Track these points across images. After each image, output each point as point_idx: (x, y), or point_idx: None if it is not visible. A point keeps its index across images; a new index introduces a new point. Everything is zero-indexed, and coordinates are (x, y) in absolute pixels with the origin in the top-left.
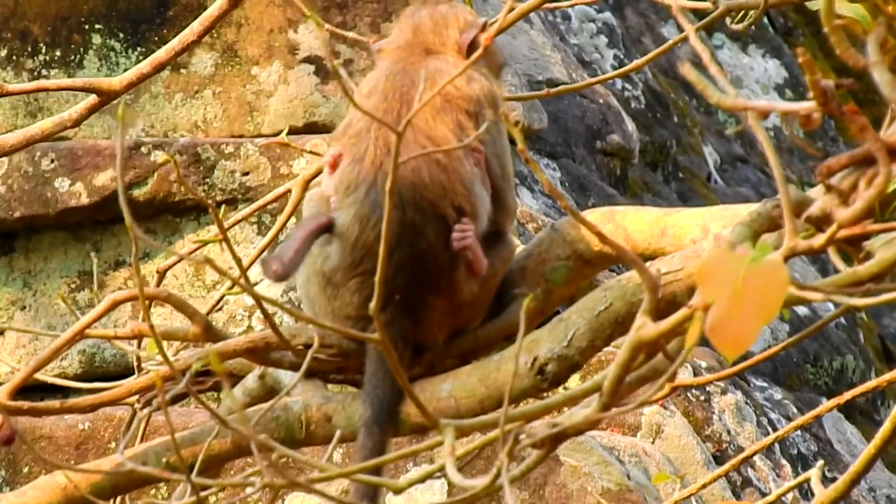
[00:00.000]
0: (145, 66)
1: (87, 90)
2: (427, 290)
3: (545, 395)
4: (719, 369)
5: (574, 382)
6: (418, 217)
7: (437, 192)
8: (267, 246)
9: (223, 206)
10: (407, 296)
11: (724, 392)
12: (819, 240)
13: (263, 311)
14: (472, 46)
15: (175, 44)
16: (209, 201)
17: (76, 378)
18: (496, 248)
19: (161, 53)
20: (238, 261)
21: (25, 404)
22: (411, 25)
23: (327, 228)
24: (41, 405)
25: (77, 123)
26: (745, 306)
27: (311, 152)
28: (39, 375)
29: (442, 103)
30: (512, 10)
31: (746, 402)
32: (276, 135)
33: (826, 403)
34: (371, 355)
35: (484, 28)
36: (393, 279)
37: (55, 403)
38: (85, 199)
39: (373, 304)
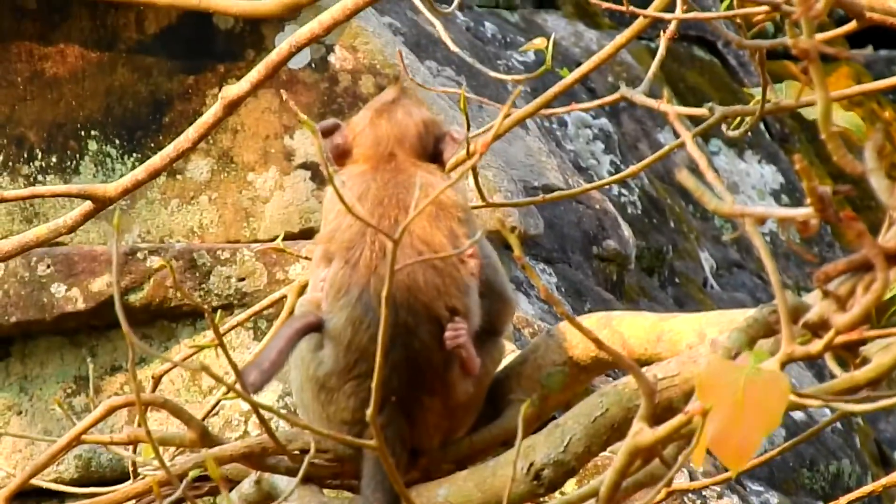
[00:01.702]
0: (140, 172)
1: (82, 197)
2: (422, 391)
3: (542, 500)
4: (715, 474)
5: (570, 488)
6: (411, 318)
7: (432, 294)
8: (263, 350)
9: (219, 312)
10: (403, 397)
11: (720, 496)
12: (816, 346)
13: (259, 416)
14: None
15: (170, 150)
16: (205, 306)
17: (72, 483)
18: (487, 348)
19: (156, 160)
20: (234, 366)
21: None
22: (394, 133)
23: (316, 328)
24: None
25: (72, 230)
26: (746, 417)
27: (306, 258)
28: (36, 480)
29: (436, 211)
30: (508, 115)
31: None
32: (272, 240)
33: None
34: (368, 460)
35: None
36: (388, 381)
37: None
38: (81, 305)
39: (370, 411)
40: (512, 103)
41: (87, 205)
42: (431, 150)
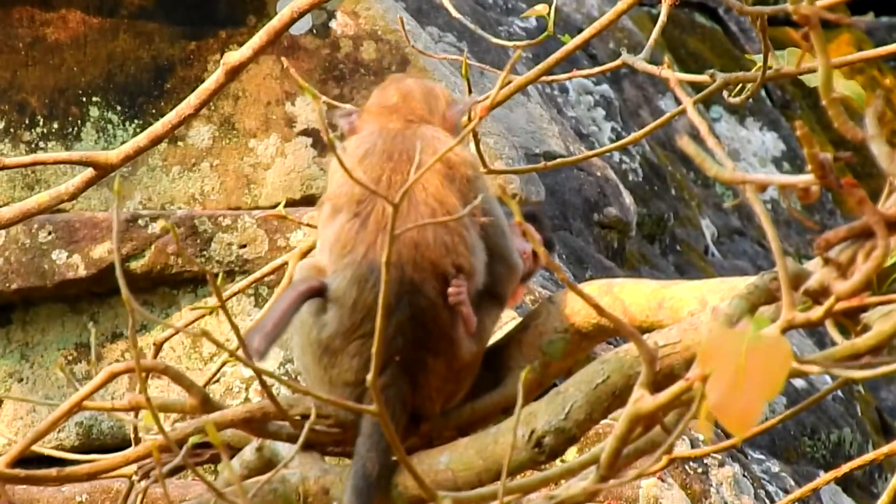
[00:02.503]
0: (142, 139)
1: (84, 163)
2: (427, 352)
3: (543, 467)
4: (717, 442)
5: (571, 455)
6: (417, 275)
7: (440, 251)
8: (264, 315)
9: (221, 275)
10: (407, 357)
11: (721, 464)
12: (817, 312)
13: (261, 381)
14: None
15: (172, 117)
16: (207, 269)
17: (73, 450)
18: (486, 309)
19: (158, 127)
20: (236, 331)
21: (22, 472)
22: (400, 91)
23: (319, 292)
24: (38, 473)
25: (74, 197)
26: (748, 383)
27: (308, 224)
28: (37, 447)
29: (445, 169)
30: (509, 82)
31: (744, 475)
32: (274, 207)
33: (824, 476)
34: (366, 420)
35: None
36: (393, 340)
37: (52, 472)
38: (82, 272)
39: (370, 375)
40: (512, 69)
41: (89, 171)
42: (439, 116)
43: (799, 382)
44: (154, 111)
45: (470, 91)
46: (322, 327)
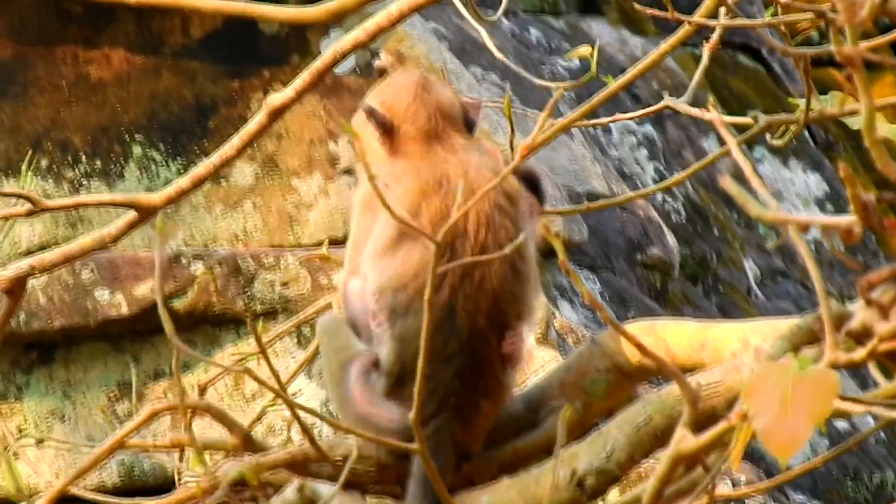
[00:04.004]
0: (185, 180)
1: (126, 206)
2: (479, 394)
3: None
4: (759, 483)
5: (613, 496)
6: (487, 326)
7: (510, 302)
8: (308, 359)
9: (261, 321)
10: (460, 400)
11: None
12: (860, 353)
13: (302, 424)
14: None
15: (214, 158)
16: (247, 315)
17: (115, 490)
18: None
19: (200, 168)
20: (276, 375)
21: None
22: (428, 109)
23: (373, 366)
24: None
25: (116, 240)
26: (795, 409)
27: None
28: (78, 490)
29: (508, 206)
30: (548, 122)
31: None
32: (317, 246)
33: None
34: (416, 464)
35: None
36: (450, 384)
37: None
38: (125, 310)
39: (412, 415)
40: (553, 109)
41: (132, 214)
42: (460, 124)
43: (841, 424)
44: (197, 149)
45: (513, 131)
46: (374, 382)
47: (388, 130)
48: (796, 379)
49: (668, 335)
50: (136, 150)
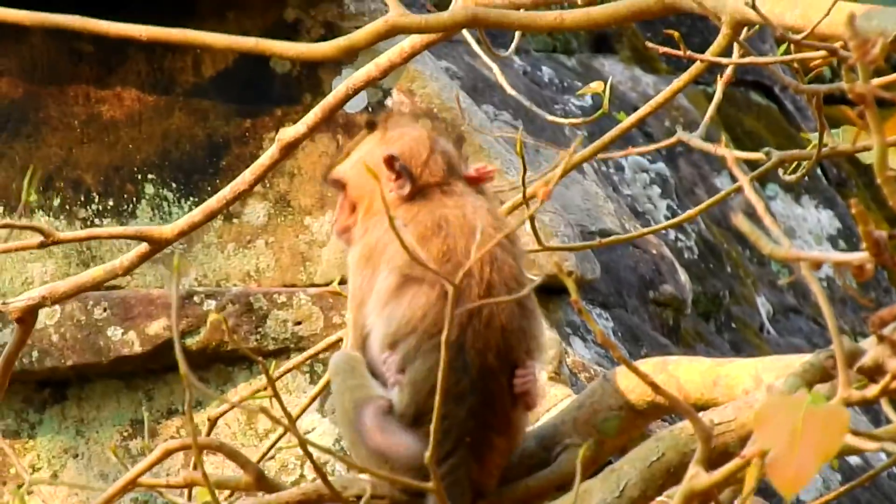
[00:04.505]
0: (197, 214)
1: (139, 238)
2: (493, 432)
3: None
4: None
5: None
6: (497, 363)
7: (518, 337)
8: (318, 393)
9: (273, 361)
10: (475, 438)
11: None
12: (872, 390)
13: (314, 464)
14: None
15: (227, 192)
16: (259, 355)
17: None
18: None
19: (213, 202)
20: (287, 414)
21: None
22: (442, 157)
23: (386, 410)
24: None
25: (128, 271)
26: (804, 445)
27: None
28: None
29: (511, 246)
30: (568, 161)
31: None
32: (329, 285)
33: None
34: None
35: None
36: (464, 423)
37: None
38: (138, 348)
39: (427, 453)
40: (574, 149)
41: (144, 246)
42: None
43: (854, 460)
44: (209, 188)
45: (525, 169)
46: (389, 426)
47: (409, 179)
48: (807, 414)
49: (680, 373)
50: (149, 188)
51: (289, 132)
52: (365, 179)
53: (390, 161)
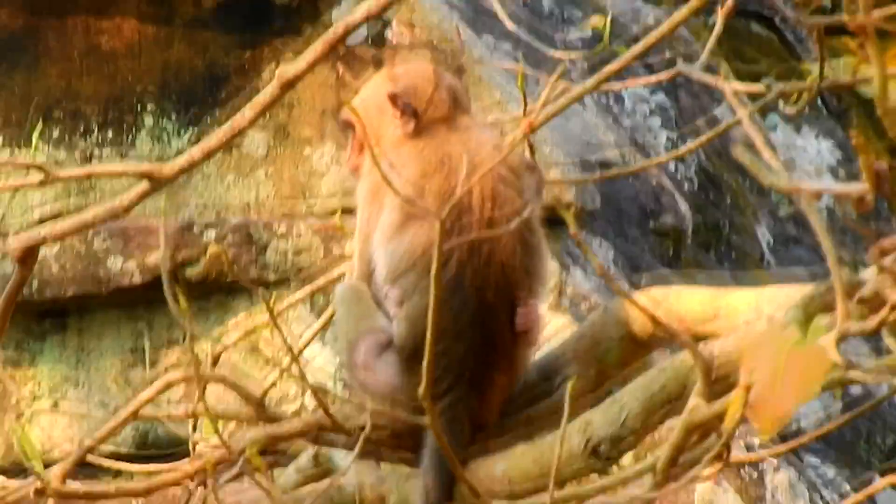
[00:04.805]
0: (196, 152)
1: (138, 176)
2: (493, 368)
3: (599, 475)
4: (772, 447)
5: (628, 462)
6: (496, 300)
7: (520, 275)
8: (322, 327)
9: (273, 291)
10: (474, 375)
11: (777, 469)
12: (872, 321)
13: (317, 396)
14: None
15: (226, 129)
16: (260, 286)
17: (129, 455)
18: None
19: (212, 140)
20: (289, 348)
21: (80, 489)
22: (450, 94)
23: (387, 345)
24: (95, 490)
25: (128, 210)
26: (784, 385)
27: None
28: (92, 457)
29: (514, 180)
30: (563, 92)
31: (799, 480)
32: (329, 215)
33: (880, 481)
34: (430, 435)
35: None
36: (464, 359)
37: (110, 488)
38: (137, 278)
39: (421, 388)
40: (568, 78)
41: (144, 185)
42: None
43: (855, 388)
44: (209, 119)
45: (525, 101)
46: (389, 359)
47: (413, 115)
48: (791, 353)
49: (681, 303)
50: (148, 119)
51: (289, 69)
52: (371, 118)
53: (394, 98)
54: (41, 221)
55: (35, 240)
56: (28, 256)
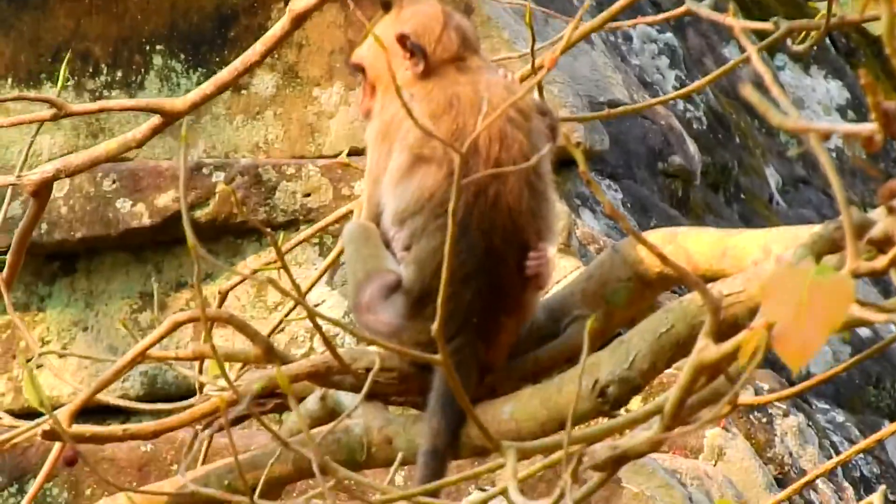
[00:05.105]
0: (208, 86)
1: (151, 111)
2: (501, 313)
3: (607, 417)
4: (781, 391)
5: (635, 405)
6: (503, 244)
7: (527, 219)
8: (329, 266)
9: (282, 232)
10: (482, 319)
11: (786, 414)
12: (881, 261)
13: (323, 336)
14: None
15: (237, 64)
16: (268, 227)
17: (138, 399)
18: None
19: (224, 74)
20: (296, 286)
21: (88, 431)
22: (459, 34)
23: (395, 287)
24: (103, 431)
25: (141, 144)
26: (809, 317)
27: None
28: (101, 396)
29: (524, 122)
30: (575, 29)
31: (808, 425)
32: (338, 156)
33: (889, 426)
34: (438, 377)
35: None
36: (471, 304)
37: (117, 430)
38: (146, 221)
39: (435, 326)
40: (579, 19)
41: (156, 119)
42: (479, 48)
43: (864, 332)
44: (217, 60)
45: (534, 39)
46: (396, 301)
47: (422, 56)
48: (812, 285)
49: (689, 244)
50: (157, 60)
51: (300, 2)
52: (380, 60)
53: (402, 39)
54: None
55: (48, 174)
56: (42, 190)
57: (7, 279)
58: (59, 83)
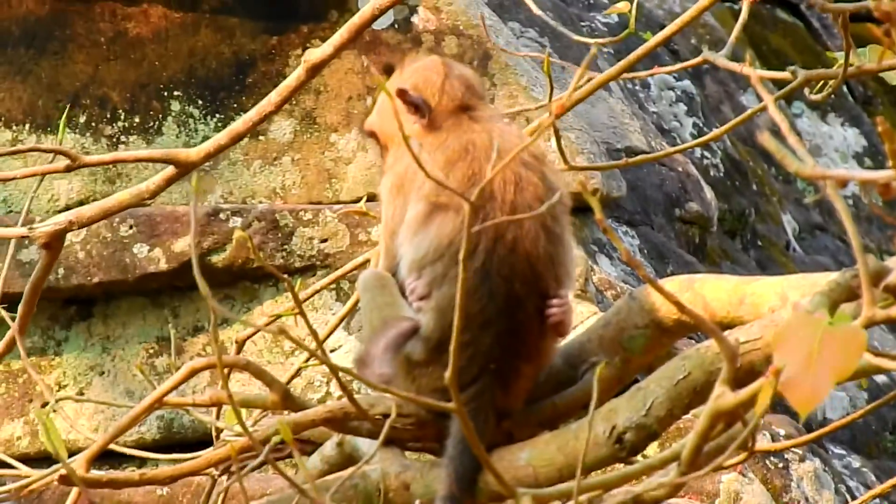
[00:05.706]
0: (223, 137)
1: (165, 161)
2: (520, 359)
3: (624, 463)
4: (798, 437)
5: (652, 451)
6: (523, 290)
7: (546, 265)
8: (346, 314)
9: (299, 278)
10: (501, 365)
11: (802, 459)
12: None
13: (340, 382)
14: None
15: (253, 114)
16: (285, 273)
17: (155, 444)
18: None
19: (239, 124)
20: (314, 333)
21: (105, 476)
22: (463, 83)
23: (411, 334)
24: (120, 477)
25: (154, 195)
26: (820, 365)
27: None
28: (117, 445)
29: (539, 166)
30: (588, 80)
31: (825, 470)
32: (355, 202)
33: None
34: (454, 424)
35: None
36: (490, 350)
37: (134, 476)
38: (163, 265)
39: (447, 374)
40: (594, 65)
41: (170, 170)
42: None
43: (881, 378)
44: (235, 105)
45: (552, 88)
46: (414, 348)
47: (424, 109)
48: (825, 333)
49: (706, 291)
50: (175, 106)
51: (315, 53)
52: (388, 120)
53: (403, 95)
54: (67, 210)
55: (61, 225)
56: (54, 242)
57: (20, 328)
58: (60, 135)
